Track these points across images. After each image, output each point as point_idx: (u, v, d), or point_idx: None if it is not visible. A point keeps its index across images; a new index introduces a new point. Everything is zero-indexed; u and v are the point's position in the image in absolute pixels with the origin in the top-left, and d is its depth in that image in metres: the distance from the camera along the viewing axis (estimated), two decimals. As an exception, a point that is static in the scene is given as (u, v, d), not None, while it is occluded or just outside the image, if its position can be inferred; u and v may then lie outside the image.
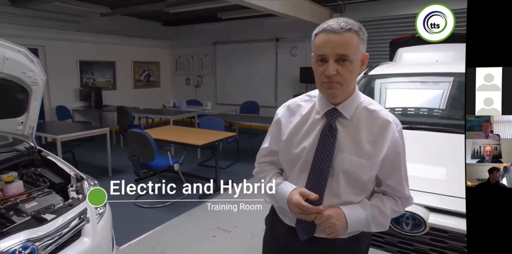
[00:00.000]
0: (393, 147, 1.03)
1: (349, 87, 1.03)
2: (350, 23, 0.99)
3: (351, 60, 0.98)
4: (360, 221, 1.02)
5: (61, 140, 3.70)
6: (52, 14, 6.09)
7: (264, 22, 7.16)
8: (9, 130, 2.11)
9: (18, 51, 1.84)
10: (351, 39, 0.98)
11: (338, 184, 1.04)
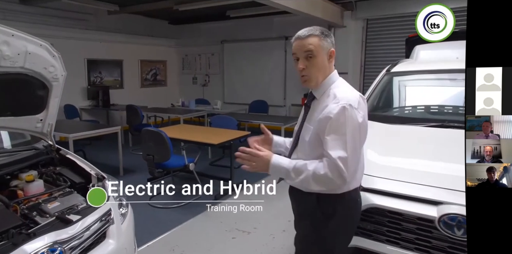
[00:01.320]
0: (326, 114, 1.24)
1: (318, 77, 1.30)
2: (313, 30, 1.30)
3: (315, 55, 1.27)
4: (280, 168, 1.28)
5: (73, 139, 3.63)
6: (60, 12, 6.03)
7: (273, 20, 7.09)
8: (28, 128, 2.04)
9: (40, 45, 1.77)
10: (313, 40, 1.28)
11: (298, 146, 1.38)
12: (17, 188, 1.83)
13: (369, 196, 1.63)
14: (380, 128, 2.14)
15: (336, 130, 1.22)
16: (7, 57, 1.63)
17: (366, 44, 6.30)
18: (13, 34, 1.63)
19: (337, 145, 1.21)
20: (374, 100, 2.65)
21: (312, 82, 1.32)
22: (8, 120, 1.90)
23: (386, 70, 2.93)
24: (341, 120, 1.21)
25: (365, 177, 1.68)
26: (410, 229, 1.55)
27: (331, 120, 1.22)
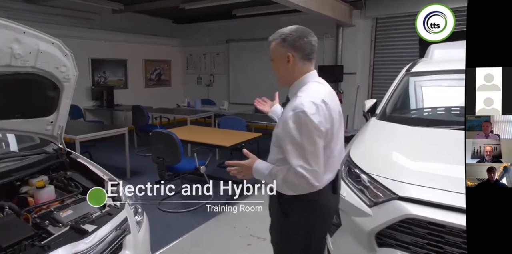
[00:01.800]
0: (281, 123, 1.34)
1: (281, 77, 1.44)
2: (276, 34, 1.39)
3: (273, 60, 1.41)
4: (262, 173, 1.39)
5: (80, 140, 3.53)
6: (64, 11, 5.93)
7: (279, 20, 6.98)
8: (37, 130, 1.94)
9: (52, 43, 1.66)
10: (272, 46, 1.40)
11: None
12: (27, 194, 1.74)
13: (404, 205, 1.52)
14: (407, 131, 2.04)
15: (293, 139, 1.27)
16: (18, 56, 1.53)
17: (375, 43, 6.20)
18: (24, 32, 1.53)
19: (297, 154, 1.27)
20: (395, 101, 2.55)
21: (279, 81, 1.47)
22: (18, 123, 1.80)
23: (406, 70, 2.83)
24: (296, 129, 1.27)
25: (397, 184, 1.58)
26: (454, 243, 1.44)
27: (288, 128, 1.28)
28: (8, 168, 1.73)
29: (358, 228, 1.62)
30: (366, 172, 1.70)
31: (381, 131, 2.15)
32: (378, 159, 1.80)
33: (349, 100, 6.49)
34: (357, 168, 1.76)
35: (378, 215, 1.57)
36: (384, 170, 1.67)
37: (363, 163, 1.76)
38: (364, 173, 1.71)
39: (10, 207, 1.55)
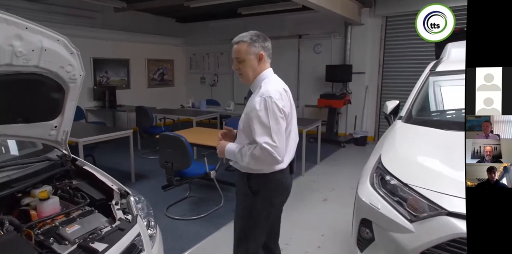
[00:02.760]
0: (250, 108, 1.51)
1: (248, 75, 1.61)
2: (244, 36, 1.61)
3: (243, 60, 1.58)
4: (232, 152, 1.60)
5: (83, 143, 3.37)
6: (66, 9, 5.77)
7: (285, 19, 6.83)
8: (41, 136, 1.77)
9: (57, 40, 1.50)
10: (241, 47, 1.58)
11: (237, 133, 1.66)
12: (29, 207, 1.57)
13: (455, 222, 1.34)
14: (442, 136, 1.88)
15: (260, 119, 1.47)
16: (20, 54, 1.36)
17: (385, 42, 6.03)
18: (27, 27, 1.36)
19: (264, 133, 1.47)
20: (421, 102, 2.39)
21: (244, 78, 1.63)
22: (19, 128, 1.63)
23: (430, 70, 2.67)
24: (264, 111, 1.47)
25: (444, 197, 1.41)
26: None
27: (256, 111, 1.48)
28: (8, 178, 1.57)
29: (397, 246, 1.45)
30: (404, 182, 1.53)
31: (412, 135, 1.99)
32: (416, 168, 1.64)
33: (357, 101, 6.34)
34: (393, 177, 1.60)
35: (422, 232, 1.40)
36: (425, 180, 1.51)
37: (399, 172, 1.59)
38: (402, 183, 1.55)
39: (10, 222, 1.38)
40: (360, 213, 1.72)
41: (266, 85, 1.55)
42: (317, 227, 2.90)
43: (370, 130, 6.32)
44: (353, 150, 5.89)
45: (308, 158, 4.42)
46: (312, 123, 4.57)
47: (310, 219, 3.07)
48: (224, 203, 3.33)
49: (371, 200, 1.61)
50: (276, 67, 6.93)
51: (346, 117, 6.57)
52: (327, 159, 5.18)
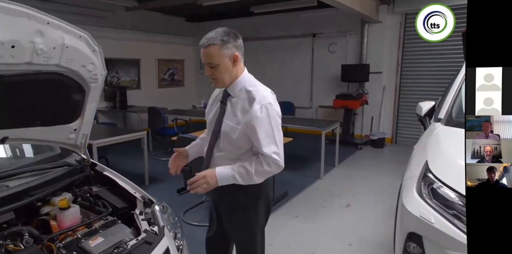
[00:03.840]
0: (250, 117, 1.40)
1: (225, 79, 1.45)
2: (213, 38, 1.40)
3: (217, 65, 1.41)
4: (227, 177, 1.43)
5: (97, 145, 3.26)
6: (77, 9, 5.70)
7: (298, 17, 6.68)
8: (59, 139, 1.66)
9: (80, 36, 1.39)
10: (212, 50, 1.39)
11: (220, 142, 1.50)
12: (49, 216, 1.46)
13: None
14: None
15: (265, 129, 1.42)
16: (41, 52, 1.25)
17: (404, 40, 5.85)
18: (48, 22, 1.25)
19: (269, 142, 1.43)
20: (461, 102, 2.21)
21: (219, 83, 1.48)
22: (38, 132, 1.53)
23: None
24: (267, 119, 1.42)
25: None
26: None
27: (259, 120, 1.40)
28: (27, 185, 1.46)
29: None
30: (463, 194, 1.38)
31: (458, 140, 1.83)
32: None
33: (374, 101, 6.15)
34: (448, 188, 1.45)
35: (487, 250, 1.25)
36: None
37: (455, 182, 1.44)
38: (460, 195, 1.40)
39: (30, 233, 1.28)
40: (406, 226, 1.57)
41: (258, 90, 1.45)
42: (343, 235, 2.76)
43: (388, 131, 6.14)
44: (371, 152, 5.73)
45: (325, 161, 4.27)
46: (330, 125, 4.42)
47: (335, 226, 2.93)
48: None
49: (421, 212, 1.46)
50: (289, 67, 6.86)
51: (362, 118, 6.40)
52: (345, 162, 5.03)
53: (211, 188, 1.45)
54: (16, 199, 1.38)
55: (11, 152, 1.90)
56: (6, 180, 1.48)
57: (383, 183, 4.03)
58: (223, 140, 1.49)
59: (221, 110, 1.51)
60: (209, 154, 1.55)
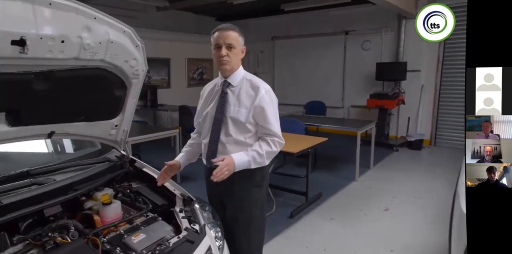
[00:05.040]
0: (260, 100, 1.57)
1: (234, 65, 1.60)
2: (233, 26, 1.61)
3: (234, 47, 1.58)
4: (244, 163, 1.56)
5: (131, 142, 3.31)
6: (110, 9, 5.82)
7: (328, 14, 6.53)
8: (101, 135, 1.68)
9: (124, 31, 1.39)
10: (233, 34, 1.58)
11: (228, 127, 1.61)
12: (92, 211, 1.47)
13: None
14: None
15: (272, 111, 1.59)
16: (88, 47, 1.26)
17: (444, 37, 5.56)
18: (95, 17, 1.26)
19: (275, 122, 1.60)
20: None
21: (229, 66, 1.58)
22: (81, 127, 1.54)
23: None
24: (272, 102, 1.60)
25: None
26: None
27: (267, 103, 1.57)
28: (72, 180, 1.49)
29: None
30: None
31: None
32: None
33: (411, 101, 5.85)
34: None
35: None
36: None
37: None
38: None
39: (75, 227, 1.29)
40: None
41: (255, 79, 1.64)
42: (384, 240, 2.62)
43: (426, 133, 5.83)
44: (408, 154, 5.46)
45: (360, 162, 4.12)
46: (365, 125, 4.26)
47: (374, 231, 2.78)
48: (277, 208, 3.14)
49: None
50: (320, 66, 6.69)
51: (397, 118, 6.13)
52: (381, 164, 4.82)
53: (230, 174, 1.52)
54: (62, 193, 1.40)
55: (53, 147, 1.94)
56: (53, 174, 1.51)
57: (423, 186, 3.84)
58: (232, 125, 1.60)
59: (222, 99, 1.62)
60: (214, 142, 1.63)
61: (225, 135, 1.62)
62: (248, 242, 1.71)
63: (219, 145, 1.63)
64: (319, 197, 3.44)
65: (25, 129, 1.32)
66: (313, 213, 3.13)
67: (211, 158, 1.62)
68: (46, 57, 1.15)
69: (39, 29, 1.09)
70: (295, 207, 3.14)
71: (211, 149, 1.65)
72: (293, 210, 3.06)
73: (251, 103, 1.58)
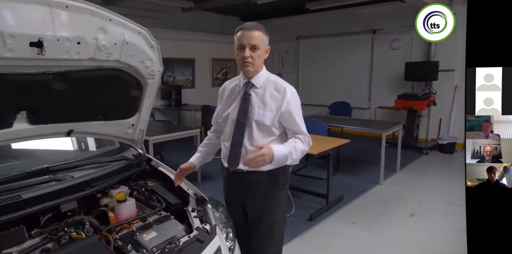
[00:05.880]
0: (287, 104, 1.53)
1: (258, 66, 1.55)
2: (258, 25, 1.54)
3: (259, 48, 1.51)
4: (282, 157, 1.47)
5: (153, 142, 3.39)
6: (138, 11, 6.01)
7: (356, 12, 6.37)
8: (118, 134, 1.72)
9: (139, 33, 1.41)
10: (258, 34, 1.51)
11: (252, 130, 1.57)
12: (108, 208, 1.51)
13: None
14: None
15: (299, 112, 1.57)
16: (103, 48, 1.29)
17: (478, 34, 5.27)
18: (110, 18, 1.29)
19: (302, 124, 1.57)
20: None
21: (253, 68, 1.53)
22: (98, 126, 1.59)
23: None
24: (298, 105, 1.58)
25: None
26: None
27: (295, 105, 1.55)
28: (89, 177, 1.53)
29: None
30: None
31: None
32: None
33: (443, 102, 5.57)
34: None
35: None
36: None
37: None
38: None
39: (90, 223, 1.33)
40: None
41: (280, 80, 1.60)
42: (409, 248, 2.49)
43: (460, 136, 5.47)
44: (438, 158, 5.20)
45: (385, 165, 3.97)
46: (391, 127, 4.10)
47: (398, 238, 2.66)
48: (296, 210, 3.09)
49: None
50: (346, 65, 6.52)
51: (428, 120, 5.86)
52: (408, 167, 4.61)
53: (264, 165, 1.42)
54: (79, 189, 1.44)
55: (78, 145, 2.02)
56: (71, 170, 1.56)
57: (454, 193, 3.61)
58: (256, 128, 1.55)
59: (244, 101, 1.56)
60: (237, 145, 1.57)
61: (249, 138, 1.57)
62: (269, 245, 1.69)
63: (243, 149, 1.58)
64: (341, 200, 3.36)
65: (44, 127, 1.37)
66: (334, 216, 3.06)
67: (233, 162, 1.59)
68: (63, 58, 1.19)
69: (56, 31, 1.13)
70: (315, 210, 3.08)
71: (234, 153, 1.59)
72: (312, 213, 3.01)
73: (277, 107, 1.53)
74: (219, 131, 1.76)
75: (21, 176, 1.41)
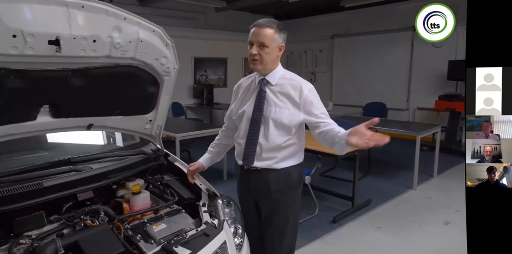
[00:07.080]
0: (305, 102, 1.52)
1: (267, 64, 1.54)
2: (270, 22, 1.52)
3: (267, 46, 1.50)
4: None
5: (180, 138, 3.49)
6: (172, 12, 6.22)
7: (395, 9, 6.11)
8: (136, 129, 1.79)
9: (153, 31, 1.45)
10: (268, 32, 1.49)
11: (268, 128, 1.56)
12: (123, 199, 1.58)
13: None
14: None
15: (320, 108, 1.55)
16: (118, 46, 1.34)
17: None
18: (125, 18, 1.34)
19: (326, 115, 1.55)
20: None
21: (260, 65, 1.53)
22: (118, 121, 1.66)
23: None
24: (318, 100, 1.57)
25: None
26: None
27: (314, 102, 1.53)
28: (106, 169, 1.61)
29: None
30: None
31: None
32: None
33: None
34: None
35: None
36: None
37: None
38: None
39: (105, 213, 1.41)
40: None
41: (296, 78, 1.59)
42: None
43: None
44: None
45: (421, 170, 3.75)
46: (427, 129, 3.87)
47: (427, 245, 2.50)
48: (319, 212, 3.04)
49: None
50: (383, 64, 6.26)
51: (472, 123, 5.52)
52: (447, 173, 4.29)
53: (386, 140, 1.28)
54: (96, 180, 1.52)
55: (107, 140, 2.13)
56: (91, 162, 1.65)
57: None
58: (273, 126, 1.54)
59: (260, 98, 1.56)
60: (253, 143, 1.57)
61: (264, 136, 1.56)
62: (280, 246, 1.67)
63: (258, 147, 1.57)
64: (368, 204, 3.24)
65: (66, 120, 1.46)
66: (359, 220, 2.96)
67: (248, 159, 1.59)
68: (80, 56, 1.26)
69: (72, 30, 1.19)
70: (339, 212, 3.00)
71: (249, 150, 1.59)
72: (336, 215, 2.93)
73: (294, 105, 1.52)
74: (231, 128, 1.77)
75: (44, 165, 1.51)
